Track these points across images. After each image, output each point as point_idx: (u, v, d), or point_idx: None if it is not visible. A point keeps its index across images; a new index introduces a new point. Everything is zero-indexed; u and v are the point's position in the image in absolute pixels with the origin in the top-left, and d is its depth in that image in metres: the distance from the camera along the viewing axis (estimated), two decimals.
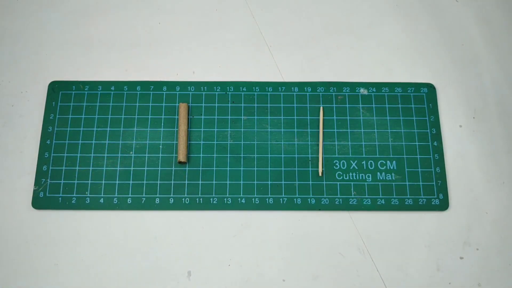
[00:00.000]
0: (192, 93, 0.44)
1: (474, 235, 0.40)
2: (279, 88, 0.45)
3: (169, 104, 0.44)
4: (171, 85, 0.45)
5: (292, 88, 0.45)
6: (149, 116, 0.43)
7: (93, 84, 0.44)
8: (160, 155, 0.42)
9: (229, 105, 0.44)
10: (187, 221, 0.40)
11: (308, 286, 0.39)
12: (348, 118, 0.43)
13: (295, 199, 0.41)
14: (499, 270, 0.39)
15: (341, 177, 0.41)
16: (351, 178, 0.41)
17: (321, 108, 0.44)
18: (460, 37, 0.47)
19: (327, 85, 0.45)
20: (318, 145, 0.42)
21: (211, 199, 0.41)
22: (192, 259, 0.39)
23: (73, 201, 0.40)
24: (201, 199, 0.41)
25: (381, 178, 0.41)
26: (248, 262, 0.39)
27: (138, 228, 0.40)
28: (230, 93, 0.44)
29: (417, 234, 0.40)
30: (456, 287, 0.39)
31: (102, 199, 0.41)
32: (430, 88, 0.45)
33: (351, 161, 0.42)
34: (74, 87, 0.44)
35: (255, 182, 0.41)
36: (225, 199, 0.41)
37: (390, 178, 0.41)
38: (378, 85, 0.45)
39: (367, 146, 0.42)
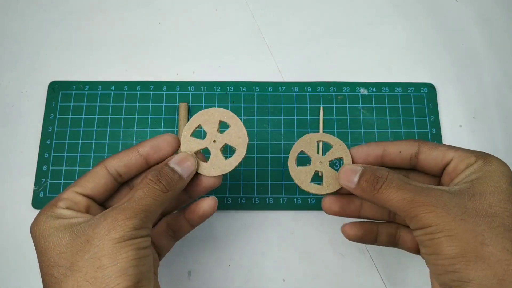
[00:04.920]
0: (192, 93, 0.44)
1: None
2: (279, 88, 0.44)
3: (169, 104, 0.44)
4: (171, 85, 0.45)
5: (292, 88, 0.44)
6: (149, 116, 0.43)
7: (93, 84, 0.44)
8: None
9: (229, 105, 0.44)
10: None
11: (308, 286, 0.39)
12: (348, 118, 0.43)
13: (295, 199, 0.41)
14: None
15: None
16: None
17: (321, 108, 0.44)
18: (460, 37, 0.47)
19: (327, 85, 0.45)
20: (318, 145, 0.42)
21: None
22: (192, 259, 0.39)
23: None
24: None
25: None
26: (248, 262, 0.39)
27: None
28: (230, 93, 0.44)
29: None
30: None
31: None
32: (430, 88, 0.45)
33: None
34: (74, 87, 0.44)
35: (255, 182, 0.41)
36: (226, 199, 0.41)
37: None
38: (378, 85, 0.45)
39: None
